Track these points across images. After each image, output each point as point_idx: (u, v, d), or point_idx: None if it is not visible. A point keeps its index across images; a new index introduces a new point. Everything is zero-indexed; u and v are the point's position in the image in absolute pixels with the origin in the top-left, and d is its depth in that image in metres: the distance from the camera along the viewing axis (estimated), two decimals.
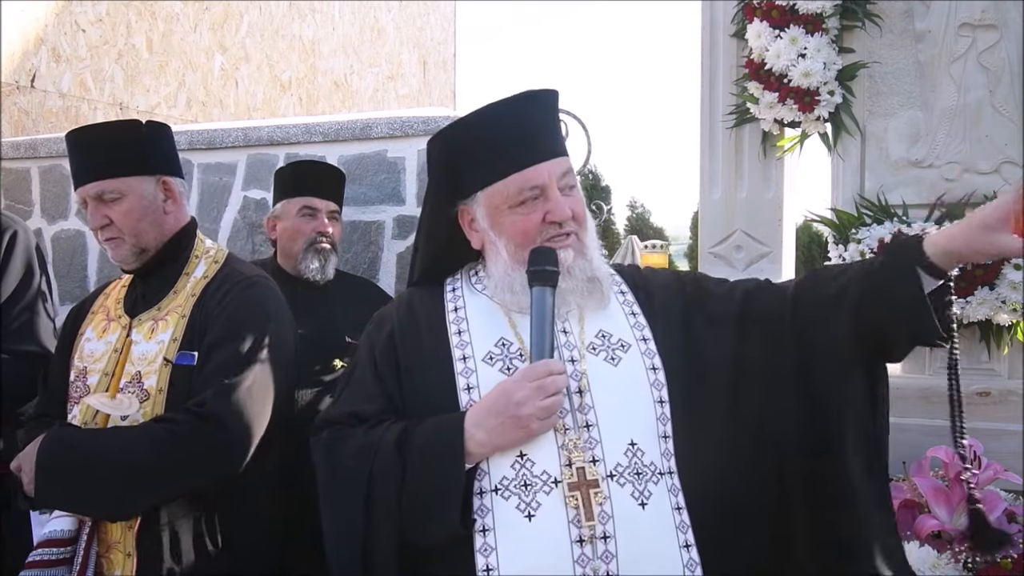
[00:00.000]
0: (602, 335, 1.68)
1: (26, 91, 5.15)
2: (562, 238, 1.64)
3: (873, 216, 2.57)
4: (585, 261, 1.66)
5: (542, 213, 1.63)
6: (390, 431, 1.59)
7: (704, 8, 2.90)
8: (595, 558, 1.49)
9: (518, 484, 1.53)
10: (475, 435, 1.53)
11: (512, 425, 1.52)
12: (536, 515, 1.51)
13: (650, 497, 1.54)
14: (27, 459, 2.00)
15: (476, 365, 1.64)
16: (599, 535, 1.50)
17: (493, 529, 1.52)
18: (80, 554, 1.97)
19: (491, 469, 1.55)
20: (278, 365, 2.11)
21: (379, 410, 1.66)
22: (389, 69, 9.07)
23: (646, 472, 1.56)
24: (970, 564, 2.07)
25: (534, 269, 1.60)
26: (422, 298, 1.79)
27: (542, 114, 1.71)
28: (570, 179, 1.68)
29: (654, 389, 1.63)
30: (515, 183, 1.63)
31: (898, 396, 2.59)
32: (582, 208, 1.70)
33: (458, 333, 1.69)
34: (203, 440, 1.95)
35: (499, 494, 1.54)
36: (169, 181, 2.20)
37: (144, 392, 2.04)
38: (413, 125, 3.45)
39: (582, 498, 1.51)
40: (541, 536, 1.50)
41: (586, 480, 1.52)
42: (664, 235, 22.76)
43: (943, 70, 2.57)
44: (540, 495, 1.52)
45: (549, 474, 1.53)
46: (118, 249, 2.15)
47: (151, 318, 2.14)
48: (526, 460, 1.54)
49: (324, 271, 3.02)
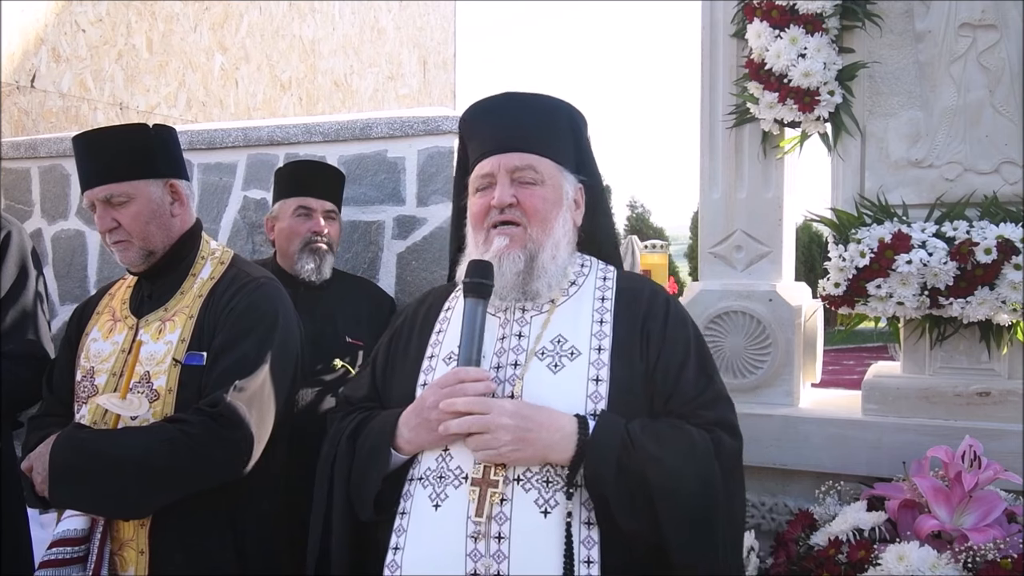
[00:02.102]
0: (558, 340, 1.72)
1: (26, 91, 5.15)
2: (505, 226, 1.74)
3: (873, 216, 2.57)
4: (521, 254, 1.72)
5: (489, 199, 1.75)
6: (353, 421, 1.78)
7: (704, 8, 2.89)
8: (487, 555, 1.55)
9: (436, 475, 1.64)
10: (403, 433, 1.68)
11: (425, 427, 1.65)
12: (442, 506, 1.61)
13: (555, 507, 1.57)
14: (40, 459, 2.02)
15: (437, 364, 1.76)
16: (493, 534, 1.56)
17: (408, 513, 1.64)
18: (94, 552, 1.99)
19: (422, 460, 1.68)
20: (286, 366, 2.16)
21: (364, 396, 1.86)
22: (389, 69, 9.07)
23: (557, 481, 1.59)
24: (970, 564, 2.07)
25: (468, 281, 1.69)
26: (435, 296, 1.94)
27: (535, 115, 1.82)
28: (529, 175, 1.76)
29: (590, 400, 1.65)
30: (477, 170, 1.80)
31: (898, 396, 2.60)
32: (539, 204, 1.75)
33: (438, 332, 1.82)
34: (215, 440, 1.99)
35: (420, 483, 1.65)
36: (176, 184, 2.23)
37: (154, 392, 2.06)
38: (413, 125, 3.45)
39: (479, 495, 1.58)
40: (442, 525, 1.60)
41: (488, 479, 1.59)
42: (664, 235, 22.78)
43: (943, 70, 2.57)
44: (450, 488, 1.62)
45: (463, 469, 1.62)
46: (126, 252, 2.17)
47: (158, 319, 2.17)
48: (447, 454, 1.65)
49: (320, 271, 3.02)
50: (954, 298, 2.44)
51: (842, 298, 2.55)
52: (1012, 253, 2.37)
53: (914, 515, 2.23)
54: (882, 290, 2.48)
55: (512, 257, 1.71)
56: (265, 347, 2.10)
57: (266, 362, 2.08)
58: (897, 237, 2.46)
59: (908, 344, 2.66)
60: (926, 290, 2.46)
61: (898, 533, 2.23)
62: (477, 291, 1.68)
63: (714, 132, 2.87)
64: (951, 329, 2.55)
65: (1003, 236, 2.38)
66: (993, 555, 2.05)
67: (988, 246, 2.38)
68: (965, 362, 2.58)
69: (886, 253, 2.46)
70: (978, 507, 2.18)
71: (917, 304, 2.47)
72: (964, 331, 2.54)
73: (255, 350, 2.08)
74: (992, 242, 2.38)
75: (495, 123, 1.81)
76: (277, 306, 2.19)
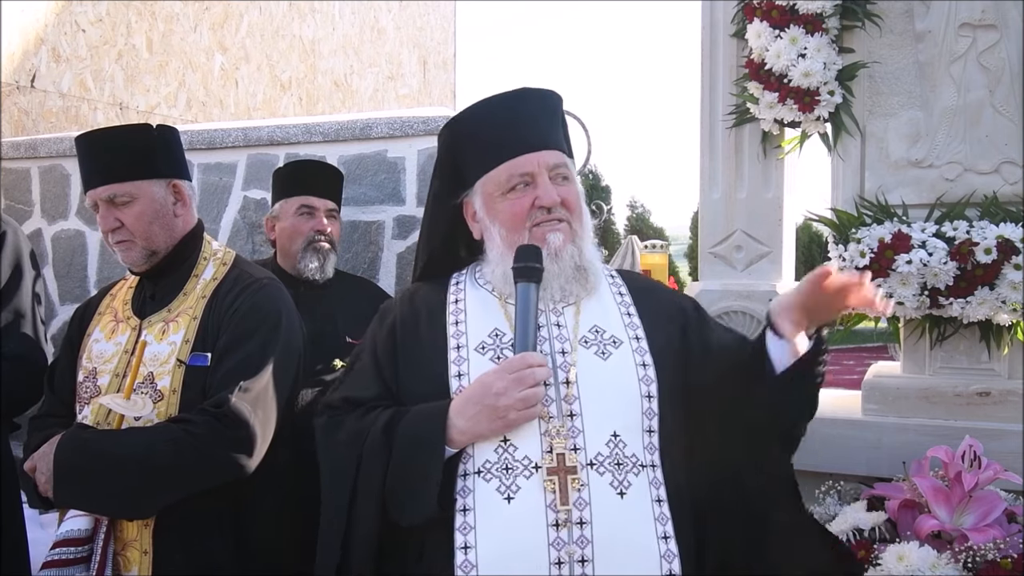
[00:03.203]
0: (596, 330, 1.74)
1: (26, 91, 5.15)
2: (552, 223, 1.72)
3: (873, 216, 2.57)
4: (575, 248, 1.73)
5: (531, 198, 1.71)
6: (381, 417, 1.67)
7: (704, 8, 2.89)
8: (570, 542, 1.54)
9: (500, 467, 1.59)
10: (456, 423, 1.60)
11: (490, 415, 1.58)
12: (515, 498, 1.57)
13: (629, 487, 1.59)
14: (43, 459, 2.02)
15: (468, 354, 1.71)
16: (575, 520, 1.55)
17: (473, 509, 1.58)
18: (98, 553, 1.99)
19: (475, 452, 1.61)
20: (288, 366, 2.17)
21: (374, 396, 1.75)
22: (389, 69, 9.07)
23: (627, 463, 1.61)
24: (970, 564, 2.07)
25: (518, 266, 1.66)
26: (426, 291, 1.87)
27: (538, 110, 1.80)
28: (563, 171, 1.76)
29: (642, 384, 1.68)
30: (506, 170, 1.73)
31: (898, 396, 2.60)
32: (576, 200, 1.77)
33: (455, 323, 1.76)
34: (220, 440, 1.99)
35: (481, 476, 1.60)
36: (179, 184, 2.23)
37: (158, 393, 2.07)
38: (413, 125, 3.45)
39: (559, 483, 1.56)
40: (518, 517, 1.56)
41: (565, 466, 1.57)
42: (664, 235, 22.78)
43: (943, 70, 2.57)
44: (520, 479, 1.58)
45: (530, 459, 1.59)
46: (129, 252, 2.18)
47: (161, 319, 2.17)
48: (509, 445, 1.60)
49: (323, 270, 3.02)
50: (954, 298, 2.44)
51: None
52: (1012, 253, 2.37)
53: (914, 515, 2.23)
54: (882, 290, 2.48)
55: (569, 251, 1.72)
56: (269, 348, 2.11)
57: (270, 362, 2.09)
58: (897, 237, 2.46)
59: (908, 344, 2.66)
60: (926, 290, 2.46)
61: (898, 533, 2.23)
62: (529, 275, 1.65)
63: (714, 132, 2.87)
64: (951, 329, 2.55)
65: (1003, 236, 2.38)
66: (993, 555, 2.05)
67: (988, 246, 2.38)
68: (965, 362, 2.58)
69: (886, 253, 2.46)
70: (978, 507, 2.18)
71: (917, 304, 2.47)
72: (964, 331, 2.54)
73: (259, 351, 2.09)
74: (992, 242, 2.38)
75: (512, 121, 1.77)
76: (280, 307, 2.20)
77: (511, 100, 1.80)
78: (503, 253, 1.73)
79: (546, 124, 1.80)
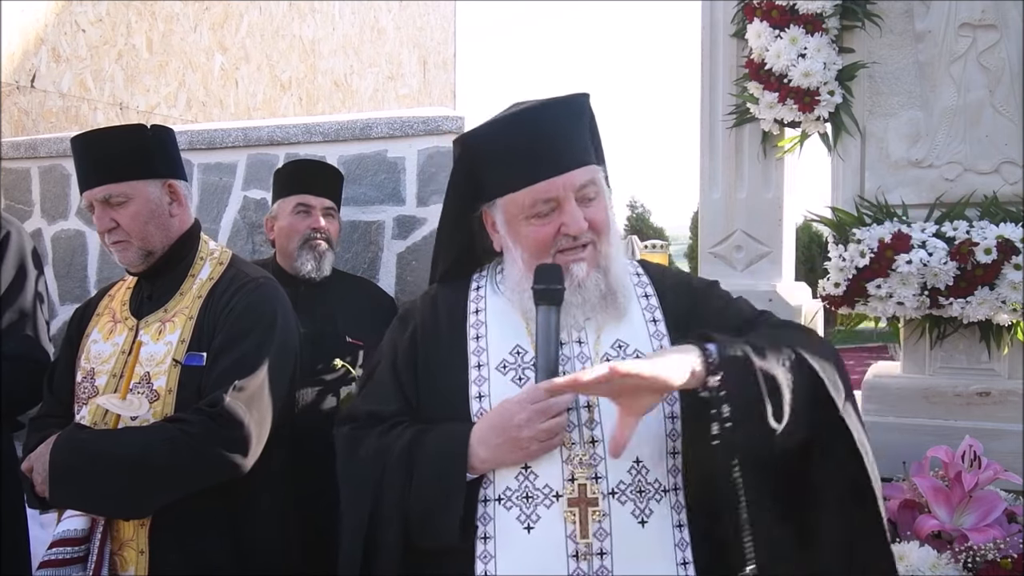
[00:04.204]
0: (618, 345, 1.66)
1: (26, 91, 5.15)
2: (577, 251, 1.63)
3: (873, 216, 2.57)
4: (600, 274, 1.65)
5: (557, 225, 1.63)
6: (402, 437, 1.63)
7: (704, 8, 2.89)
8: (590, 573, 1.50)
9: (520, 496, 1.56)
10: (478, 452, 1.56)
11: (512, 446, 1.54)
12: (535, 527, 1.54)
13: (651, 515, 1.55)
14: (40, 459, 2.02)
15: (489, 373, 1.65)
16: (595, 551, 1.51)
17: (494, 537, 1.55)
18: (94, 552, 1.99)
19: (496, 479, 1.58)
20: (284, 366, 2.16)
21: (396, 411, 1.70)
22: (389, 69, 9.07)
23: (649, 490, 1.57)
24: (970, 564, 2.07)
25: (539, 288, 1.59)
26: (447, 296, 1.80)
27: (563, 120, 1.68)
28: (591, 190, 1.65)
29: (665, 404, 1.61)
30: (530, 195, 1.63)
31: (898, 396, 2.60)
32: (604, 216, 1.67)
33: (476, 339, 1.70)
34: (215, 439, 1.99)
35: (502, 504, 1.56)
36: (175, 184, 2.23)
37: (154, 393, 2.07)
38: (413, 125, 3.45)
39: (580, 515, 1.53)
40: (538, 548, 1.53)
41: (586, 497, 1.54)
42: (664, 235, 22.82)
43: (943, 70, 2.57)
44: (541, 508, 1.55)
45: (551, 488, 1.55)
46: (125, 252, 2.18)
47: (158, 320, 2.17)
48: (530, 473, 1.57)
49: (320, 268, 3.02)
50: (954, 298, 2.44)
51: (842, 298, 2.55)
52: (1012, 253, 2.37)
53: (914, 515, 2.23)
54: (882, 290, 2.48)
55: (594, 279, 1.64)
56: (264, 347, 2.10)
57: (265, 362, 2.09)
58: (897, 237, 2.46)
59: (908, 344, 2.66)
60: (926, 290, 2.46)
61: (898, 533, 2.23)
62: (549, 298, 1.59)
63: (714, 132, 2.87)
64: (951, 329, 2.55)
65: (1003, 236, 2.38)
66: (993, 555, 2.06)
67: (988, 246, 2.38)
68: (965, 362, 2.58)
69: (886, 253, 2.46)
70: (978, 507, 2.18)
71: (917, 304, 2.47)
72: (964, 331, 2.54)
73: (254, 350, 2.09)
74: (992, 242, 2.38)
75: (538, 139, 1.64)
76: (275, 306, 2.20)
77: (539, 113, 1.68)
78: (524, 276, 1.66)
79: (572, 137, 1.68)
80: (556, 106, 1.70)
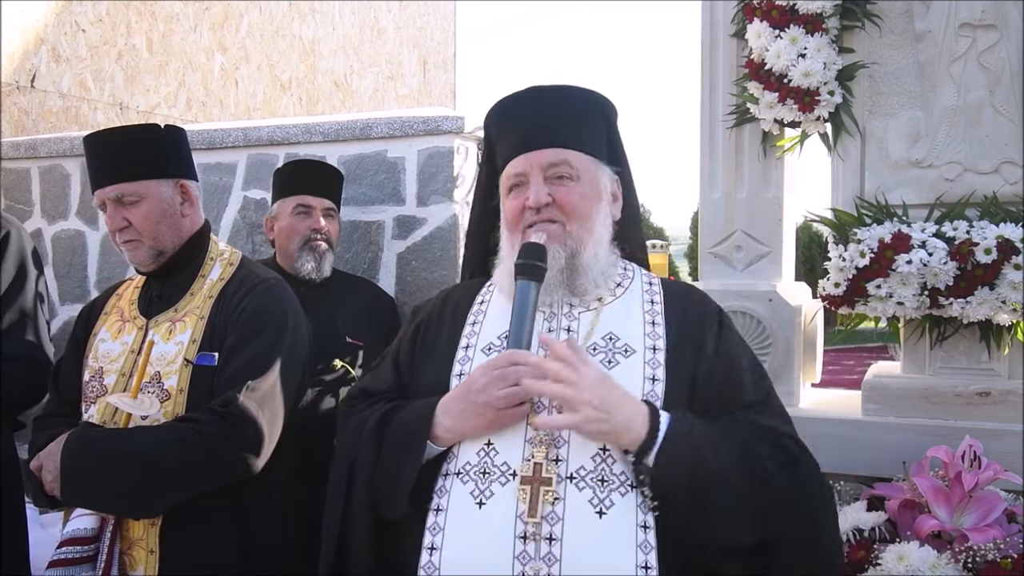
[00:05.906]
0: (610, 337, 1.67)
1: (26, 91, 5.15)
2: (543, 224, 1.67)
3: (873, 216, 2.57)
4: (562, 250, 1.66)
5: (523, 199, 1.69)
6: (378, 410, 1.68)
7: (704, 8, 2.89)
8: (537, 558, 1.46)
9: (478, 471, 1.56)
10: (443, 421, 1.58)
11: (471, 412, 1.55)
12: (487, 503, 1.52)
13: (611, 508, 1.49)
14: (50, 458, 2.02)
15: (474, 354, 1.69)
16: (544, 535, 1.47)
17: (446, 510, 1.55)
18: (104, 551, 2.00)
19: (460, 454, 1.59)
20: (294, 366, 2.18)
21: (386, 389, 1.76)
22: (389, 69, 9.06)
23: (613, 481, 1.51)
24: (970, 564, 2.07)
25: (520, 262, 1.62)
26: (462, 291, 1.87)
27: (570, 109, 1.75)
28: (564, 170, 1.69)
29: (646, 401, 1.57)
30: (508, 171, 1.74)
31: (898, 396, 2.60)
32: (575, 201, 1.69)
33: (472, 323, 1.75)
34: (227, 439, 2.00)
35: (459, 478, 1.56)
36: (187, 184, 2.25)
37: (165, 392, 2.08)
38: (413, 125, 3.45)
39: (531, 494, 1.50)
40: (487, 524, 1.51)
41: (540, 477, 1.51)
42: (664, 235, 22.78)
43: (943, 70, 2.57)
44: (495, 485, 1.53)
45: (509, 465, 1.54)
46: (136, 251, 2.19)
47: (168, 319, 2.18)
48: (491, 449, 1.57)
49: (320, 269, 3.03)
50: (954, 298, 2.44)
51: (842, 298, 2.55)
52: (1012, 253, 2.37)
53: (914, 515, 2.23)
54: (882, 290, 2.48)
55: (552, 252, 1.64)
56: (275, 348, 2.12)
57: (276, 362, 2.10)
58: (897, 237, 2.46)
59: (908, 344, 2.66)
60: (926, 290, 2.46)
61: (898, 533, 2.23)
62: (529, 272, 1.60)
63: (714, 132, 2.87)
64: (951, 329, 2.55)
65: (1003, 236, 2.38)
66: (993, 555, 2.06)
67: (988, 246, 2.38)
68: (965, 362, 2.58)
69: (886, 253, 2.46)
70: (978, 507, 2.18)
71: (917, 304, 2.47)
72: (964, 331, 2.54)
73: (266, 350, 2.11)
74: (992, 242, 2.38)
75: (523, 119, 1.74)
76: (286, 307, 2.22)
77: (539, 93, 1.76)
78: (508, 253, 1.71)
79: (571, 123, 1.72)
80: (566, 92, 1.78)
